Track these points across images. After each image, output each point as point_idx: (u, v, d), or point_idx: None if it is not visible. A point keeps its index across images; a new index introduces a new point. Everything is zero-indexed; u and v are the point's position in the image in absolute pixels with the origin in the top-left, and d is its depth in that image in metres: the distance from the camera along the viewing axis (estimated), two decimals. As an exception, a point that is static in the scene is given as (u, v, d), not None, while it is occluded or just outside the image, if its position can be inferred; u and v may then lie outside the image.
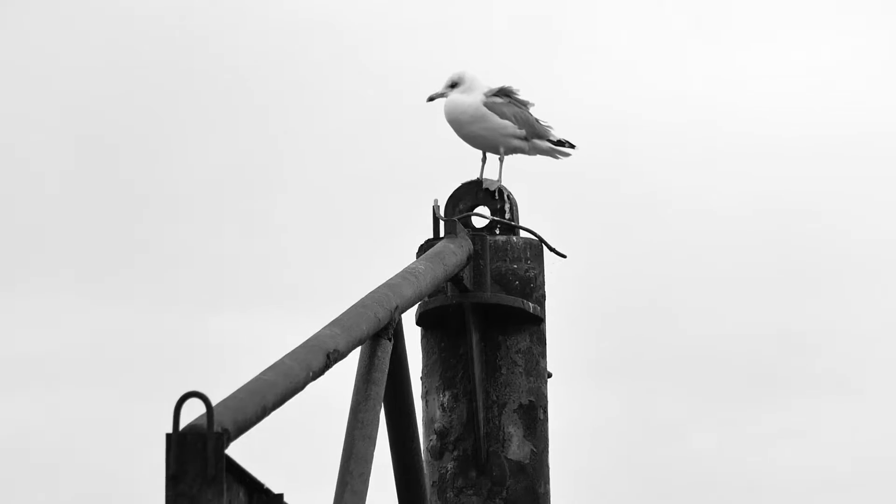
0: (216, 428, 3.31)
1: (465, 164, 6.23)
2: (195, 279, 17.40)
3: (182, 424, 3.30)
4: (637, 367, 13.62)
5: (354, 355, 4.61)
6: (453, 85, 6.29)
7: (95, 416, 15.83)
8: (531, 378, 5.72)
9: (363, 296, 4.77)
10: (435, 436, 5.69)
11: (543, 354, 5.80)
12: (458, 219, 5.86)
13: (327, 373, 4.19)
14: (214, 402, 3.36)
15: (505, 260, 5.82)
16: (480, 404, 5.63)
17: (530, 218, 6.04)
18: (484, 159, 6.24)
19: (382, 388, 4.66)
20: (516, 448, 5.68)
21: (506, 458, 5.66)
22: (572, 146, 6.35)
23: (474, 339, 5.60)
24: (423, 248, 5.72)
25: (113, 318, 16.81)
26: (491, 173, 6.18)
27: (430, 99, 6.31)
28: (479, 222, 5.99)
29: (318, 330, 4.33)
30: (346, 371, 4.62)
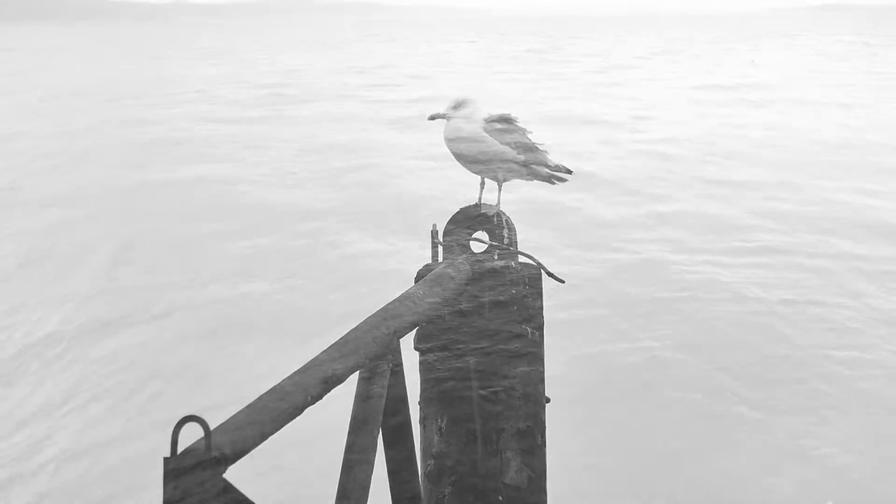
0: (214, 452, 3.32)
1: (464, 189, 6.26)
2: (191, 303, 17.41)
3: (180, 448, 3.31)
4: (636, 392, 13.61)
5: (352, 380, 4.62)
6: (457, 108, 6.30)
7: (92, 439, 15.80)
8: (529, 403, 5.72)
9: (361, 321, 4.78)
10: (432, 461, 5.68)
11: (542, 379, 5.80)
12: (457, 244, 5.88)
13: (325, 397, 4.19)
14: (212, 426, 3.37)
15: (503, 285, 5.83)
16: (478, 429, 5.62)
17: (528, 243, 6.06)
18: (482, 184, 6.26)
19: (380, 413, 4.66)
20: (514, 473, 5.67)
21: (503, 483, 5.65)
22: (569, 172, 6.38)
23: (472, 364, 5.60)
24: (422, 273, 5.73)
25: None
26: (489, 198, 6.20)
27: (433, 118, 6.31)
28: (477, 247, 6.00)
29: (317, 354, 4.34)
30: (343, 395, 4.63)
